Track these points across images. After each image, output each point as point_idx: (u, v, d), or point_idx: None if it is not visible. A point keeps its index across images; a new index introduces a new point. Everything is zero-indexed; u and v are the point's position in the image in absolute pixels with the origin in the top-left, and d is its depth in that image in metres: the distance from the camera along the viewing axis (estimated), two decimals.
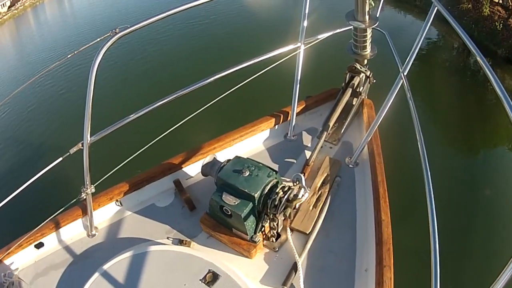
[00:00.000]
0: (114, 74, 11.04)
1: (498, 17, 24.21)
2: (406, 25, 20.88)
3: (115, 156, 2.98)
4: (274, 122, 3.07)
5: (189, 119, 2.76)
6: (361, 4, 2.66)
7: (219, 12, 14.58)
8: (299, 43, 3.02)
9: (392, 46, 3.10)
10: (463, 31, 2.20)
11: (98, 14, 27.17)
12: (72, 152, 2.40)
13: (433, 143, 9.54)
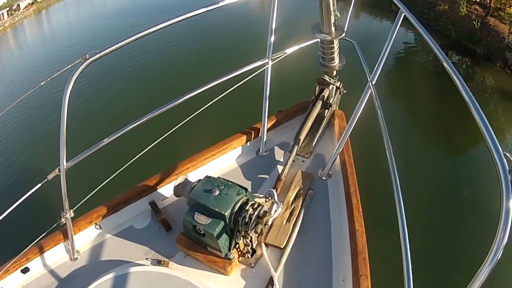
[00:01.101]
0: (87, 98, 11.03)
1: (476, 16, 24.62)
2: (381, 31, 21.01)
3: (92, 179, 2.98)
4: (246, 139, 3.08)
5: (162, 140, 2.77)
6: (326, 16, 2.68)
7: (185, 33, 14.55)
8: (267, 59, 3.04)
9: (360, 55, 3.12)
10: (430, 37, 2.22)
11: (75, 32, 27.36)
12: (50, 178, 2.39)
13: (413, 145, 9.66)
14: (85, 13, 38.00)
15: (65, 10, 53.96)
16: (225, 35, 14.84)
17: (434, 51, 2.10)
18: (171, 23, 2.42)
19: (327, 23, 2.73)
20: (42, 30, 38.71)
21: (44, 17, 52.72)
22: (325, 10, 2.63)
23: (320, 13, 2.68)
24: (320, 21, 2.76)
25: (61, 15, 48.24)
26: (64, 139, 2.32)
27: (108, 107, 10.91)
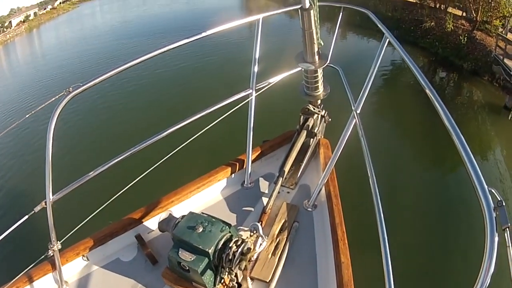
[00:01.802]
0: (71, 131, 11.00)
1: (463, 31, 24.96)
2: (367, 50, 21.19)
3: (80, 211, 2.98)
4: (231, 170, 3.08)
5: (148, 172, 2.77)
6: (309, 45, 2.67)
7: (169, 65, 14.57)
8: (250, 90, 3.06)
9: (345, 82, 3.14)
10: (413, 63, 2.25)
11: (65, 53, 27.43)
12: (37, 210, 2.39)
13: (400, 171, 9.66)
14: (75, 34, 38.31)
15: (56, 30, 54.32)
16: (209, 64, 14.91)
17: (417, 77, 2.17)
18: (155, 55, 2.47)
19: (311, 52, 2.71)
20: (33, 50, 38.89)
21: (35, 36, 53.43)
22: (308, 39, 2.62)
23: (304, 42, 2.66)
24: (303, 50, 2.74)
25: (52, 35, 48.80)
26: (50, 172, 2.32)
27: (94, 139, 10.89)
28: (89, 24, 47.61)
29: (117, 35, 29.86)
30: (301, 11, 2.45)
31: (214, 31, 2.72)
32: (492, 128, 15.06)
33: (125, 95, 13.13)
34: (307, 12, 2.44)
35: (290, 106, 3.77)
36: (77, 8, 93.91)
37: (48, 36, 48.14)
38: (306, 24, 2.51)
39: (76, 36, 36.51)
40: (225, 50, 14.69)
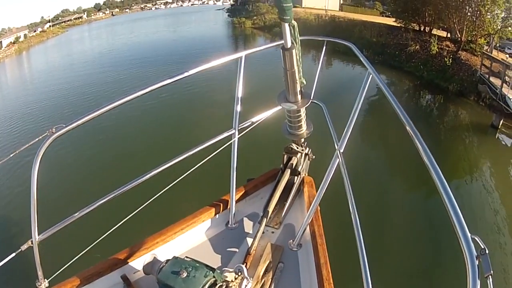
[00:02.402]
0: (56, 169, 10.93)
1: (447, 52, 25.55)
2: (352, 78, 21.32)
3: (67, 249, 2.97)
4: (215, 211, 3.04)
5: (135, 214, 2.77)
6: (291, 85, 2.63)
7: (150, 106, 14.48)
8: (233, 130, 3.03)
9: (328, 120, 3.14)
10: (395, 100, 2.24)
11: (54, 78, 27.51)
12: (24, 249, 2.38)
13: (388, 201, 9.72)
14: (64, 60, 38.67)
15: (45, 53, 55.29)
16: (192, 104, 14.96)
17: (398, 114, 2.10)
18: (136, 96, 2.46)
19: (293, 91, 2.67)
20: (21, 73, 39.13)
21: (25, 58, 54.35)
22: (290, 79, 2.58)
23: (286, 82, 2.62)
24: (285, 90, 2.70)
25: (40, 59, 49.30)
26: (35, 211, 2.32)
27: (81, 178, 10.83)
28: (77, 50, 48.17)
29: (104, 63, 30.29)
30: (283, 50, 2.42)
31: (197, 71, 2.71)
32: (479, 148, 15.23)
33: (109, 136, 13.00)
34: (289, 51, 2.42)
35: (274, 144, 3.78)
36: (66, 33, 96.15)
37: (37, 60, 48.58)
38: (288, 64, 2.48)
39: (64, 62, 36.83)
40: (207, 89, 14.72)
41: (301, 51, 2.56)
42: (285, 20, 2.17)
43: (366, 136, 11.69)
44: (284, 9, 2.06)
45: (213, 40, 39.89)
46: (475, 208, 9.98)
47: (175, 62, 25.79)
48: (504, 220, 9.60)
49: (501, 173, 12.81)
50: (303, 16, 43.17)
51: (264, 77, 11.17)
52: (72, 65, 32.88)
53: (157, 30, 58.43)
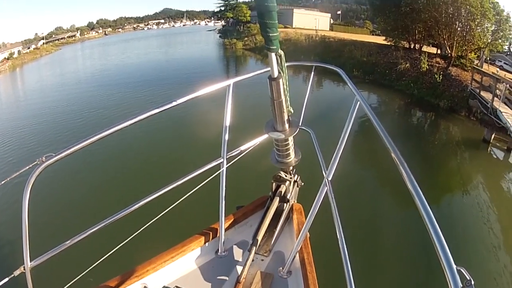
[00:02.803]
0: (48, 196, 10.89)
1: (438, 69, 25.82)
2: (345, 96, 21.07)
3: (59, 276, 2.95)
4: (204, 239, 3.02)
5: (126, 242, 2.77)
6: (279, 114, 2.61)
7: (137, 135, 14.44)
8: (221, 159, 3.05)
9: (317, 147, 3.15)
10: (381, 127, 2.25)
11: (46, 97, 27.59)
12: (16, 274, 2.37)
13: (382, 218, 9.73)
14: (56, 79, 38.91)
15: (38, 71, 55.77)
16: (179, 133, 14.95)
17: (384, 142, 2.09)
18: (123, 126, 2.44)
19: (280, 121, 2.64)
20: (15, 91, 39.16)
21: (18, 75, 54.90)
22: (277, 108, 2.56)
23: (273, 112, 2.60)
24: (273, 119, 2.67)
25: (33, 77, 49.40)
26: (27, 238, 2.30)
27: (71, 208, 10.79)
28: (70, 69, 48.31)
29: (96, 84, 30.35)
30: (270, 80, 2.41)
31: (185, 100, 2.71)
32: (471, 163, 15.32)
33: (99, 165, 12.88)
34: (276, 81, 2.41)
35: (263, 171, 3.79)
36: (59, 51, 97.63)
37: (30, 78, 48.72)
38: (275, 94, 2.47)
39: (56, 81, 37.01)
40: (195, 117, 14.69)
41: (290, 73, 2.57)
42: (272, 50, 2.17)
43: (355, 163, 11.70)
44: (270, 38, 2.06)
45: (205, 62, 40.20)
46: (468, 224, 10.01)
47: (166, 85, 26.09)
48: (500, 236, 9.61)
49: (493, 187, 12.87)
50: (294, 37, 43.94)
51: (252, 103, 11.19)
52: (64, 85, 33.03)
53: (149, 51, 58.83)
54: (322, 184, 2.67)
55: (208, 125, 7.76)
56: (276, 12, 1.94)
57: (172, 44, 72.22)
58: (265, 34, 2.03)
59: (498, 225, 10.12)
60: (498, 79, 17.19)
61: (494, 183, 13.27)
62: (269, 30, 2.00)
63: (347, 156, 2.63)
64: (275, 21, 1.96)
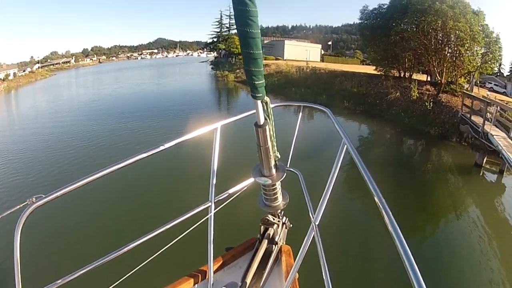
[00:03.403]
0: (37, 238, 10.82)
1: (428, 96, 26.20)
2: (334, 134, 20.88)
3: None
4: (193, 281, 2.97)
5: (114, 286, 2.77)
6: (265, 160, 2.61)
7: (126, 180, 14.44)
8: (209, 203, 3.03)
9: (304, 190, 3.15)
10: (367, 172, 2.26)
11: (38, 124, 27.60)
12: None
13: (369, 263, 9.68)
14: (50, 106, 39.09)
15: (33, 96, 56.27)
16: (166, 177, 14.91)
17: (368, 186, 2.01)
18: (111, 171, 2.43)
19: (267, 166, 2.64)
20: (9, 115, 39.09)
21: (13, 99, 55.66)
22: (264, 154, 2.56)
23: (260, 157, 2.60)
24: (260, 164, 2.67)
25: (28, 101, 49.85)
26: (19, 280, 2.30)
27: (60, 249, 10.71)
28: (64, 96, 48.80)
29: (88, 114, 30.37)
30: (256, 127, 2.41)
31: (172, 144, 2.72)
32: (464, 188, 15.32)
33: (86, 208, 12.81)
34: (262, 128, 2.41)
35: (251, 212, 3.82)
36: (54, 76, 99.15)
37: (24, 102, 49.15)
38: (261, 140, 2.46)
39: (50, 108, 37.21)
40: (182, 161, 14.66)
41: (279, 111, 2.60)
42: (258, 98, 2.16)
43: (343, 205, 11.70)
44: (256, 86, 2.06)
45: (197, 95, 40.41)
46: (462, 250, 9.98)
47: (159, 119, 26.17)
48: (495, 260, 9.59)
49: (487, 210, 12.89)
50: (285, 69, 44.38)
51: (240, 145, 11.22)
52: (57, 112, 33.21)
53: (142, 82, 58.99)
54: (310, 228, 2.63)
55: (196, 168, 7.80)
56: (262, 59, 1.95)
57: (165, 75, 72.62)
58: (250, 82, 2.01)
59: (493, 247, 10.12)
60: (489, 103, 17.40)
61: (488, 206, 13.30)
62: (254, 77, 1.99)
63: (335, 199, 2.64)
64: (261, 69, 1.97)
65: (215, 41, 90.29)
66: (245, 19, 1.66)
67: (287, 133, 3.62)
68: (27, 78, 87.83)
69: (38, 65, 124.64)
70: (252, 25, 1.71)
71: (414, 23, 27.59)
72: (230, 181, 3.31)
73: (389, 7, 31.57)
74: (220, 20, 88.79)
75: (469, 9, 25.85)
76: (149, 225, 2.96)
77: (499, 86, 52.01)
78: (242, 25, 1.67)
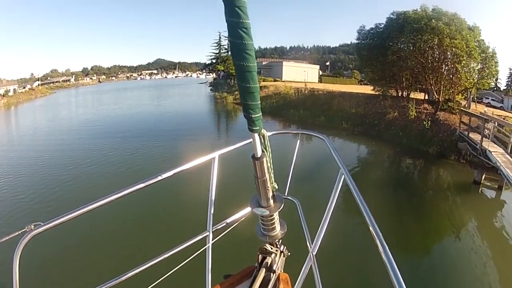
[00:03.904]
0: (35, 265, 10.77)
1: (426, 115, 26.22)
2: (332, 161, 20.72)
3: None
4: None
5: None
6: (263, 192, 2.61)
7: (123, 210, 14.27)
8: (207, 232, 3.08)
9: (302, 219, 3.16)
10: (362, 202, 2.28)
11: (37, 143, 27.59)
12: None
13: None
14: (49, 125, 39.15)
15: (33, 113, 56.64)
16: (163, 208, 14.89)
17: (364, 216, 2.09)
18: (112, 199, 2.47)
19: (265, 197, 2.65)
20: (8, 131, 39.48)
21: (13, 115, 56.15)
22: (261, 186, 2.56)
23: (257, 188, 2.59)
24: (257, 195, 2.67)
25: (27, 118, 50.18)
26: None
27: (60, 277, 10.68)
28: (63, 115, 48.89)
29: (87, 135, 30.32)
30: (253, 159, 2.41)
31: (170, 174, 2.76)
32: (464, 206, 15.30)
33: (85, 237, 12.75)
34: (260, 160, 2.42)
35: (249, 240, 3.85)
36: (54, 94, 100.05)
37: (24, 120, 49.48)
38: (259, 172, 2.48)
39: (49, 127, 37.27)
40: (179, 191, 14.62)
41: (276, 139, 2.63)
42: (255, 131, 2.17)
43: (341, 234, 11.69)
44: (253, 120, 2.07)
45: (196, 117, 40.25)
46: (463, 270, 9.95)
47: (157, 141, 26.18)
48: (496, 277, 9.57)
49: (486, 227, 12.91)
50: (284, 91, 44.48)
51: (237, 174, 11.24)
52: (56, 132, 33.39)
53: (141, 103, 58.88)
54: (308, 258, 2.70)
55: (193, 197, 7.76)
56: (258, 93, 1.98)
57: (164, 96, 72.78)
58: (247, 116, 2.00)
59: (496, 265, 10.13)
60: (486, 119, 17.46)
61: (487, 224, 13.28)
62: (251, 111, 2.01)
63: (333, 228, 2.66)
64: (257, 102, 2.00)
65: (213, 62, 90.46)
66: (242, 53, 1.70)
67: (285, 159, 3.68)
68: (27, 95, 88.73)
69: (38, 82, 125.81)
70: (248, 59, 1.74)
71: (410, 42, 27.74)
72: (227, 210, 3.34)
73: (386, 26, 31.80)
74: (218, 42, 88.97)
75: (465, 25, 26.11)
76: (147, 254, 2.99)
77: (496, 101, 52.18)
78: (239, 58, 1.71)
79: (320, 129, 26.71)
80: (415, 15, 27.96)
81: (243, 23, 1.61)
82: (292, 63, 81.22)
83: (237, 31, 1.62)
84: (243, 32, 1.63)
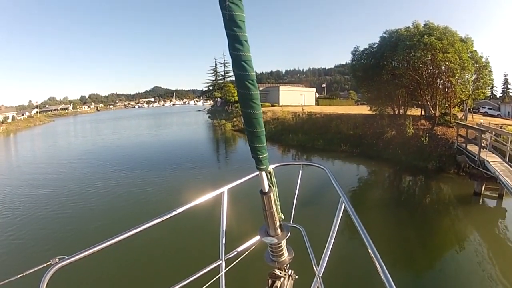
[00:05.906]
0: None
1: (423, 131, 26.43)
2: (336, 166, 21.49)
3: None
4: None
5: None
6: (270, 221, 2.77)
7: (127, 245, 14.26)
8: (220, 260, 3.18)
9: (307, 244, 3.32)
10: (361, 227, 2.46)
11: (36, 173, 27.27)
12: None
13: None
14: (48, 153, 39.38)
15: (31, 141, 57.03)
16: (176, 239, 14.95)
17: (364, 242, 2.20)
18: (128, 235, 2.54)
19: (273, 227, 2.83)
20: (8, 158, 39.89)
21: (12, 143, 56.81)
22: (269, 217, 2.74)
23: (265, 219, 2.78)
24: (265, 225, 2.85)
25: (26, 146, 50.63)
26: None
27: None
28: (62, 144, 48.96)
29: (86, 165, 30.30)
30: (261, 194, 2.56)
31: (181, 211, 2.92)
32: (466, 218, 15.41)
33: (107, 268, 12.84)
34: (267, 195, 2.58)
35: (259, 267, 4.05)
36: (52, 122, 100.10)
37: (23, 148, 49.82)
38: (266, 206, 2.64)
39: (47, 156, 37.49)
40: (190, 225, 14.75)
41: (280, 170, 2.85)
42: (262, 169, 2.34)
43: (345, 257, 11.80)
44: (260, 159, 2.24)
45: (196, 147, 40.19)
46: (469, 282, 10.06)
47: (157, 173, 26.00)
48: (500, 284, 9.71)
49: (489, 238, 12.96)
50: (281, 116, 44.49)
51: (246, 204, 11.44)
52: (54, 160, 33.75)
53: (139, 133, 58.54)
54: (314, 280, 2.84)
55: (205, 228, 7.92)
56: (264, 136, 2.13)
57: (162, 125, 71.83)
58: (255, 156, 2.21)
59: (502, 274, 10.21)
60: (483, 130, 17.57)
61: (490, 234, 13.39)
62: (259, 152, 2.20)
63: (337, 251, 2.89)
64: (264, 144, 2.15)
65: (211, 89, 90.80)
66: (248, 101, 1.91)
67: (289, 189, 3.90)
68: (26, 123, 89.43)
69: (36, 110, 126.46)
70: (254, 107, 1.95)
71: (404, 59, 27.90)
72: (238, 240, 3.56)
73: (379, 46, 32.01)
74: (215, 68, 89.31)
75: (457, 38, 26.34)
76: (166, 284, 3.21)
77: (493, 109, 51.97)
78: (246, 106, 1.89)
79: (319, 153, 27.54)
80: (407, 32, 28.35)
81: (245, 56, 1.80)
82: (288, 87, 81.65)
83: (240, 63, 1.80)
84: (246, 64, 1.82)
